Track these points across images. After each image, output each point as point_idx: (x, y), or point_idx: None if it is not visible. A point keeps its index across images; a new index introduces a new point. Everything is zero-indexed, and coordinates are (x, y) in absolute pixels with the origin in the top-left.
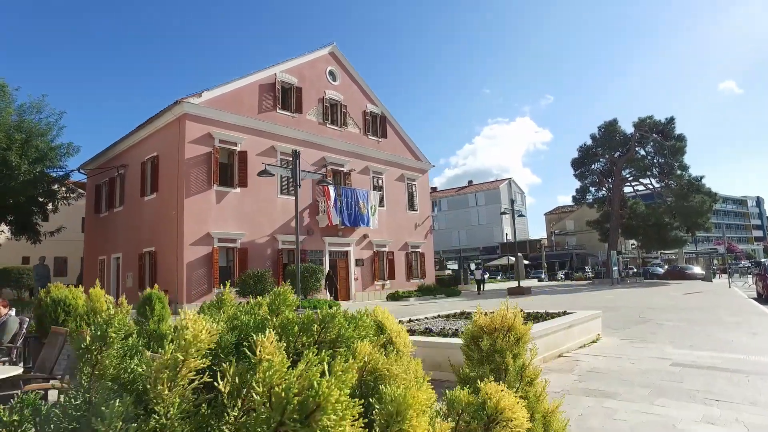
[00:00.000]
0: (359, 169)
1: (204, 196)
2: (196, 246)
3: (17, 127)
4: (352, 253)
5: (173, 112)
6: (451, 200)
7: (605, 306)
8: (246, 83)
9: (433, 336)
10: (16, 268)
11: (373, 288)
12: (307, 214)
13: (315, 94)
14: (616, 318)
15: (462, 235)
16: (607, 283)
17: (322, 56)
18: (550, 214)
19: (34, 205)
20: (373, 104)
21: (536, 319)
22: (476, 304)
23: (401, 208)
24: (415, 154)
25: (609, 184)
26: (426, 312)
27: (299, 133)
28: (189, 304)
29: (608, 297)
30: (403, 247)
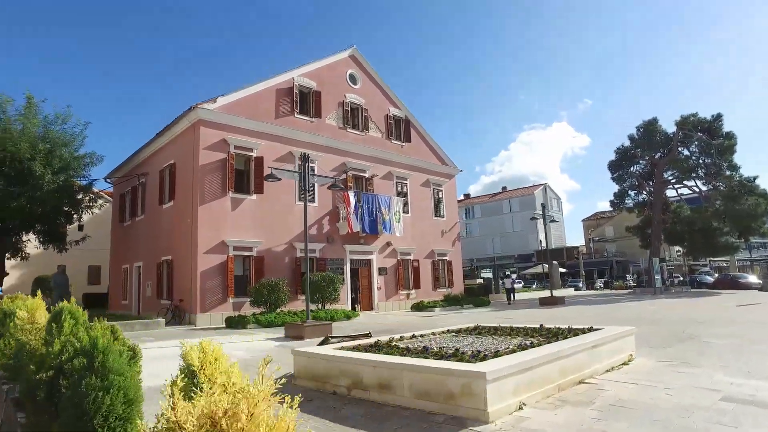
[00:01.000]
0: (382, 175)
1: (219, 203)
2: (210, 254)
3: (42, 138)
4: (374, 262)
5: (188, 118)
6: (485, 207)
7: (644, 318)
8: (262, 88)
9: (426, 358)
10: (50, 277)
11: (397, 298)
12: (327, 221)
13: (334, 98)
14: (655, 333)
15: (496, 242)
16: (649, 293)
17: (342, 59)
18: (588, 220)
19: (59, 215)
20: (396, 108)
21: (555, 336)
22: (504, 315)
23: (427, 215)
24: (441, 159)
25: (649, 187)
26: (448, 323)
27: (318, 138)
28: (202, 314)
29: (649, 308)
30: (429, 255)
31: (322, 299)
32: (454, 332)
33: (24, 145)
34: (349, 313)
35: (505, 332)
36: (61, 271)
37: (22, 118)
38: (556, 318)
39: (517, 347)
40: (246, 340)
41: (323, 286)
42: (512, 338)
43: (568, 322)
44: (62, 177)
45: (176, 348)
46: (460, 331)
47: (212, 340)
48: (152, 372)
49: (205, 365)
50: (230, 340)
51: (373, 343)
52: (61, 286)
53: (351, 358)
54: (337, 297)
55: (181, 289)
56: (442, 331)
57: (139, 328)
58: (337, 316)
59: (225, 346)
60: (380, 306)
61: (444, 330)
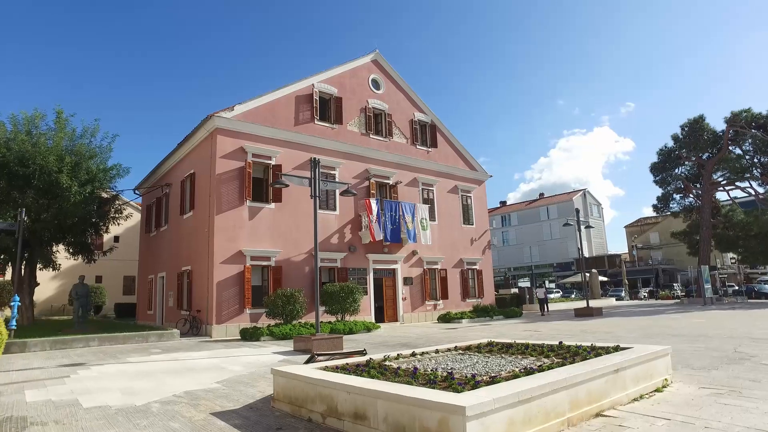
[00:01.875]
0: (407, 181)
1: (236, 212)
2: (227, 264)
3: (69, 151)
4: (399, 271)
5: (206, 127)
6: (522, 214)
7: (690, 334)
8: (281, 95)
9: (410, 383)
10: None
11: (423, 308)
12: (350, 230)
13: (357, 104)
14: (699, 352)
15: (534, 250)
16: (698, 304)
17: (364, 64)
18: (631, 226)
19: (88, 226)
20: (421, 112)
21: (573, 356)
22: (533, 327)
23: (455, 222)
24: (469, 164)
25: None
26: (468, 337)
27: (339, 145)
28: (218, 325)
29: (696, 321)
30: (457, 264)
31: (341, 311)
32: (461, 350)
33: (52, 158)
34: (370, 324)
35: (519, 350)
36: (81, 281)
37: (51, 133)
38: (586, 332)
39: (521, 371)
40: (252, 354)
41: (342, 297)
42: (524, 358)
43: (599, 336)
44: (89, 188)
45: (173, 363)
46: (470, 348)
47: (216, 353)
48: (101, 387)
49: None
50: (234, 353)
51: (365, 362)
52: (82, 296)
53: (326, 380)
54: (357, 308)
55: (199, 299)
56: (448, 348)
57: (154, 339)
58: (356, 329)
59: (226, 359)
60: (405, 317)
61: (451, 347)
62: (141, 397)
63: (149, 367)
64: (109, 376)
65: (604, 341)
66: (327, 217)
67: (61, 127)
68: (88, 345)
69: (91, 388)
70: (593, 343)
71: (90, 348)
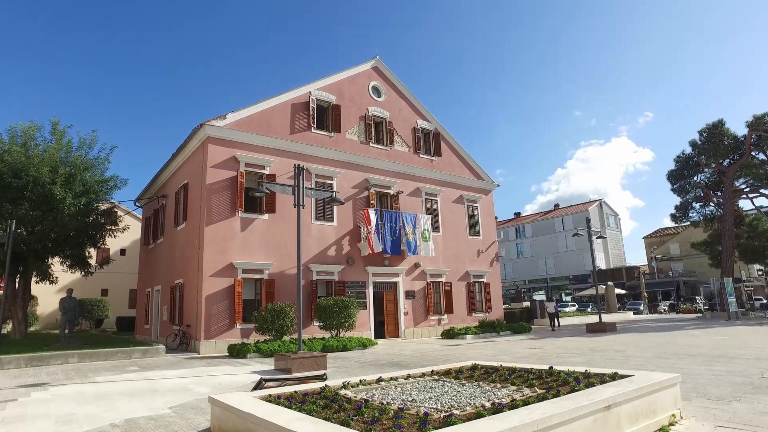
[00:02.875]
0: (409, 191)
1: (227, 223)
2: (217, 277)
3: (64, 162)
4: (401, 285)
5: (197, 136)
6: (536, 226)
7: (709, 353)
8: (277, 103)
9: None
10: (89, 300)
11: (426, 323)
12: (348, 242)
13: (356, 112)
14: (720, 377)
15: (549, 263)
16: (721, 318)
17: (363, 71)
18: (649, 237)
19: (84, 238)
20: (424, 120)
21: (561, 385)
22: (539, 345)
23: (461, 233)
24: (476, 173)
25: (718, 197)
26: (467, 356)
27: (338, 154)
28: (207, 341)
29: (718, 339)
30: (463, 276)
31: (336, 326)
32: (440, 374)
33: (45, 170)
34: (366, 341)
35: (502, 376)
36: (69, 295)
37: (47, 144)
38: (595, 350)
39: (490, 407)
40: (229, 373)
41: (336, 311)
42: (503, 386)
43: (607, 356)
44: (83, 200)
45: (140, 383)
46: (449, 372)
47: (193, 371)
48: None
49: None
50: (211, 372)
51: (320, 389)
52: (69, 310)
53: (252, 415)
54: (353, 324)
55: (190, 314)
56: (423, 372)
57: (137, 356)
58: (350, 345)
59: (198, 379)
60: (407, 333)
61: (427, 371)
62: (73, 427)
63: (112, 387)
64: (62, 398)
65: (612, 361)
66: (324, 228)
67: (58, 139)
68: (66, 362)
69: (28, 415)
70: (588, 369)
71: (67, 365)
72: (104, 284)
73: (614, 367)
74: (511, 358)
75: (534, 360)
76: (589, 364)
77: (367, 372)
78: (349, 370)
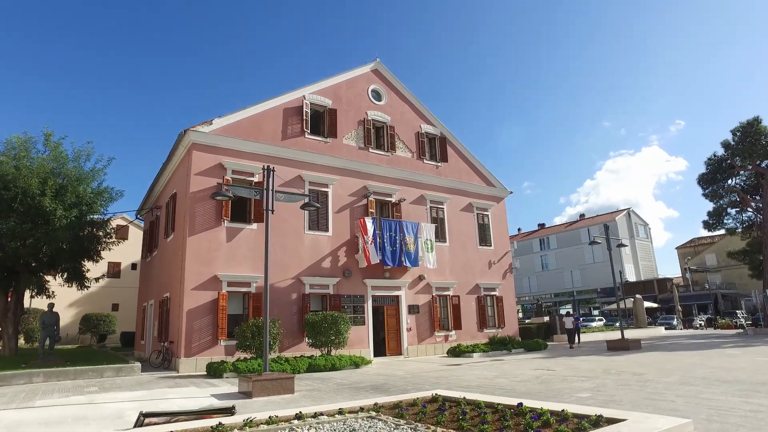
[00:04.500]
0: (412, 199)
1: (212, 233)
2: (199, 291)
3: (55, 174)
4: (403, 298)
5: (183, 143)
6: (561, 237)
7: (748, 379)
8: (268, 107)
9: None
10: (95, 315)
11: (432, 340)
12: (345, 253)
13: (354, 116)
14: (760, 413)
15: (575, 275)
16: (765, 335)
17: (362, 74)
18: (683, 247)
19: (81, 252)
20: (429, 124)
21: None
22: (547, 365)
23: (470, 243)
24: (486, 180)
25: (756, 202)
26: (464, 378)
27: (333, 160)
28: (187, 358)
29: (760, 360)
30: (473, 290)
31: (326, 343)
32: (383, 409)
33: (34, 181)
34: (359, 359)
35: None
36: (50, 310)
37: (38, 156)
38: (610, 372)
39: None
40: (186, 396)
41: (325, 327)
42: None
43: (623, 379)
44: (75, 212)
45: (75, 408)
46: (396, 406)
47: (150, 393)
48: None
49: None
50: (167, 395)
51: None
52: (49, 325)
53: None
54: (343, 341)
55: (174, 329)
56: (361, 407)
57: (110, 374)
58: (340, 364)
59: (146, 403)
60: (410, 350)
61: (369, 405)
62: None
63: (40, 414)
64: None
65: (624, 387)
66: (318, 238)
67: (53, 150)
68: (30, 381)
69: None
70: (565, 409)
71: (29, 385)
72: (115, 299)
73: (626, 394)
74: (509, 381)
75: (535, 384)
76: (596, 391)
77: (339, 396)
78: (320, 394)
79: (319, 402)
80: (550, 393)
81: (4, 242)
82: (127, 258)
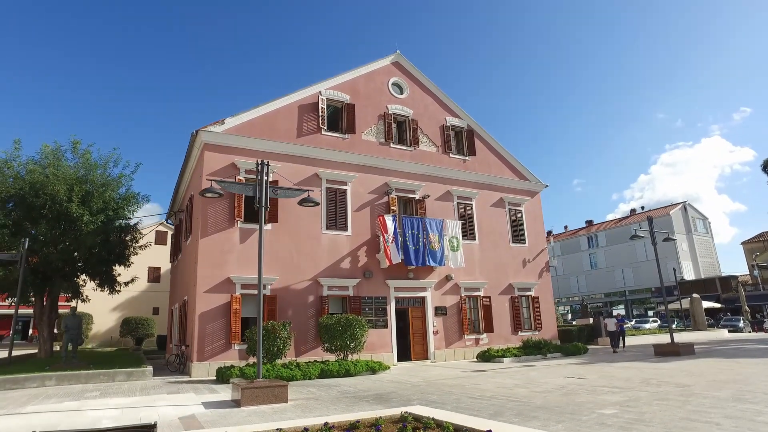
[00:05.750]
0: (437, 195)
1: (224, 234)
2: (212, 294)
3: (81, 180)
4: (429, 300)
5: (196, 145)
6: (611, 234)
7: None
8: (281, 105)
9: None
10: (134, 318)
11: (461, 344)
12: (365, 253)
13: (373, 111)
14: None
15: (627, 273)
16: None
17: (382, 68)
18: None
19: (110, 255)
20: (455, 117)
21: None
22: (583, 371)
23: (501, 241)
24: (518, 173)
25: None
26: (486, 387)
27: (352, 157)
28: (200, 363)
29: None
30: (506, 290)
31: (342, 348)
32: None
33: (61, 188)
34: (375, 365)
35: None
36: (72, 313)
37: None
38: (649, 383)
39: None
40: (175, 404)
41: (338, 331)
42: None
43: (662, 393)
44: (101, 217)
45: (54, 415)
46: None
47: (144, 399)
48: None
49: None
50: (155, 402)
51: None
52: (72, 329)
53: None
54: (359, 345)
55: (190, 333)
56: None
57: (121, 378)
58: (355, 370)
59: (125, 411)
60: (437, 354)
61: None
62: None
63: (16, 422)
64: None
65: (662, 403)
66: (337, 238)
67: (83, 157)
68: (43, 384)
69: None
70: None
71: (41, 388)
72: (155, 302)
73: (660, 412)
74: (528, 392)
75: (556, 395)
76: (625, 406)
77: (333, 407)
78: (316, 403)
79: (309, 413)
80: (568, 408)
81: (37, 248)
82: (166, 263)
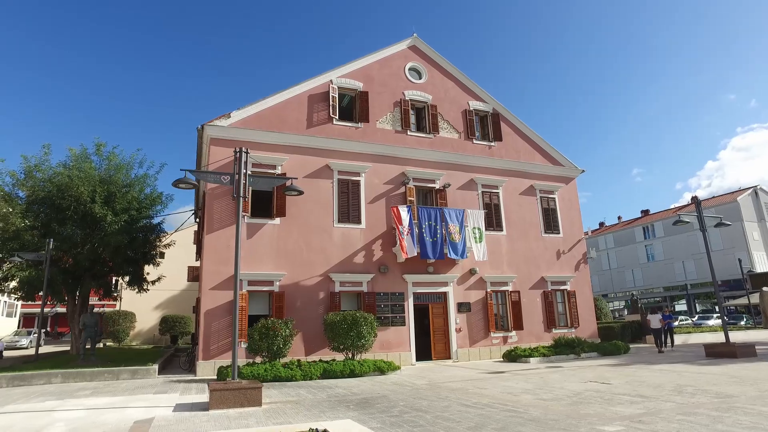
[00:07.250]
0: (460, 184)
1: (231, 230)
2: (218, 291)
3: (104, 181)
4: (451, 295)
5: (203, 139)
6: (668, 224)
7: None
8: (290, 96)
9: None
10: (171, 317)
11: (487, 342)
12: (380, 246)
13: (389, 98)
14: None
15: (689, 266)
16: None
17: (398, 52)
18: None
19: (137, 255)
20: (478, 101)
21: None
22: (610, 375)
23: (532, 231)
24: (550, 158)
25: None
26: (492, 393)
27: (365, 146)
28: (206, 361)
29: None
30: (537, 284)
31: (350, 347)
32: None
33: (84, 189)
34: (384, 365)
35: None
36: (90, 311)
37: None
38: (683, 392)
39: None
40: (143, 405)
41: (344, 329)
42: None
43: (691, 407)
44: (125, 217)
45: (35, 415)
46: None
47: (129, 399)
48: None
49: None
50: (133, 402)
51: None
52: (90, 326)
53: None
54: (366, 344)
55: (198, 330)
56: None
57: (126, 376)
58: (361, 370)
59: (97, 412)
60: (461, 353)
61: None
62: None
63: None
64: None
65: (688, 418)
66: (350, 231)
67: (110, 159)
68: (49, 381)
69: None
70: None
71: (46, 385)
72: (194, 301)
73: None
74: (534, 399)
75: (563, 404)
76: (636, 422)
77: (311, 412)
78: (295, 407)
79: (274, 419)
80: (563, 423)
81: (66, 248)
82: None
